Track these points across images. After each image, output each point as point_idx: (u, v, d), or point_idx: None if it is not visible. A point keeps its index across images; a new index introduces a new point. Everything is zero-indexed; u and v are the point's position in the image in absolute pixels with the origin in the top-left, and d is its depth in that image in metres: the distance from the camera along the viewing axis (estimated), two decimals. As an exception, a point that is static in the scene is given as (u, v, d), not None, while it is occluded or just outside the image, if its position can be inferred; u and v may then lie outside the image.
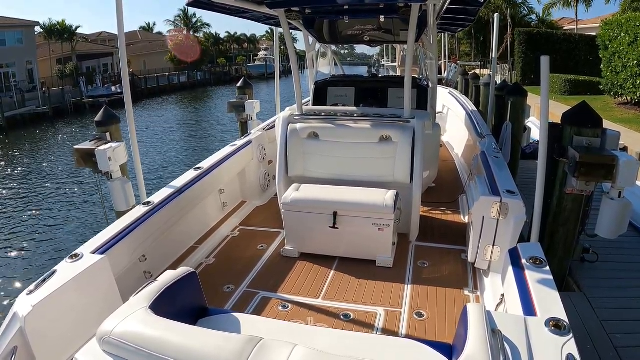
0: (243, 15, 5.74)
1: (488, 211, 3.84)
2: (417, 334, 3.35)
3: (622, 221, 4.20)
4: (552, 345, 2.04)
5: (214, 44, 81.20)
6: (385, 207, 4.13)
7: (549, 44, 29.01)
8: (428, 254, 4.56)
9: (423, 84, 6.82)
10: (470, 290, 3.92)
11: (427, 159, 5.22)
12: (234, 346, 1.87)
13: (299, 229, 4.47)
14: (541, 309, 2.36)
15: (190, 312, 2.60)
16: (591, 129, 4.44)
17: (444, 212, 5.65)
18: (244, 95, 8.25)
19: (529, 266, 2.82)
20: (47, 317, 2.63)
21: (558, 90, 23.25)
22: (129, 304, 2.23)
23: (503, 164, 4.82)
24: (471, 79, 15.98)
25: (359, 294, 3.90)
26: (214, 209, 5.32)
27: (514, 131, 7.66)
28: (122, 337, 1.98)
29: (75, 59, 53.13)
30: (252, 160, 5.92)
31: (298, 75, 5.41)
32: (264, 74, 69.16)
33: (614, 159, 4.07)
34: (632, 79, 15.77)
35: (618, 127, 10.49)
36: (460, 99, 9.81)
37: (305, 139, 4.90)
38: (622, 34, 16.20)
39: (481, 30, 42.17)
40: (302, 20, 5.77)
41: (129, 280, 3.52)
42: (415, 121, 4.70)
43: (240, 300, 3.85)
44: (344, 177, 4.83)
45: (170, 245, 4.40)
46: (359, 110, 5.41)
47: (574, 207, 4.78)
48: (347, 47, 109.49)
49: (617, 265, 5.62)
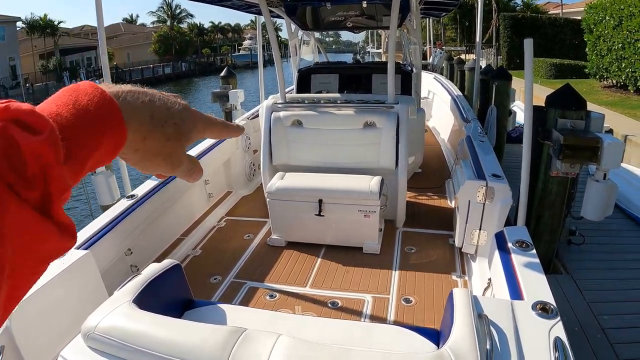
0: (224, 4, 5.68)
1: (474, 195, 3.84)
2: (405, 320, 3.35)
3: (607, 203, 4.21)
4: (539, 328, 2.03)
5: (198, 34, 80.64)
6: (371, 193, 4.12)
7: (534, 28, 29.00)
8: (415, 240, 4.56)
9: (407, 69, 6.80)
10: (458, 275, 3.93)
11: (413, 144, 5.21)
12: (218, 337, 1.85)
13: (284, 218, 4.45)
14: (528, 292, 2.36)
15: (176, 305, 2.57)
16: (575, 111, 4.43)
17: (431, 198, 5.65)
18: (227, 84, 8.17)
19: (516, 250, 2.81)
20: (33, 315, 2.59)
21: (544, 74, 23.31)
22: (113, 299, 2.20)
23: (488, 148, 4.82)
24: (456, 63, 15.97)
25: (346, 281, 3.90)
26: (200, 200, 5.28)
27: (499, 115, 7.65)
28: (106, 332, 1.95)
29: (58, 54, 52.46)
30: (236, 150, 5.88)
31: (280, 62, 5.36)
32: (249, 63, 68.69)
33: (598, 140, 4.06)
34: (617, 62, 15.83)
35: (604, 110, 10.52)
36: (445, 84, 9.79)
37: (289, 127, 4.86)
38: (607, 18, 16.23)
39: (466, 16, 42.09)
40: (284, 8, 5.72)
41: (115, 275, 3.49)
42: (399, 106, 4.67)
43: (228, 291, 3.83)
44: (329, 165, 4.81)
45: (156, 238, 4.36)
46: (342, 97, 5.37)
47: (559, 189, 4.78)
48: (332, 34, 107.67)
49: (603, 247, 5.64)
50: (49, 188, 0.50)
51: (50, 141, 0.51)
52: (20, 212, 0.47)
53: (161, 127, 0.66)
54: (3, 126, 0.48)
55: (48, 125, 0.52)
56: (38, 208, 0.49)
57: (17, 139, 0.48)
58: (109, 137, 0.59)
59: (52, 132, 0.52)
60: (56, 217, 0.51)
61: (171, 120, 0.68)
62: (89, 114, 0.57)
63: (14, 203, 0.47)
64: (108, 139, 0.59)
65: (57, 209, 0.51)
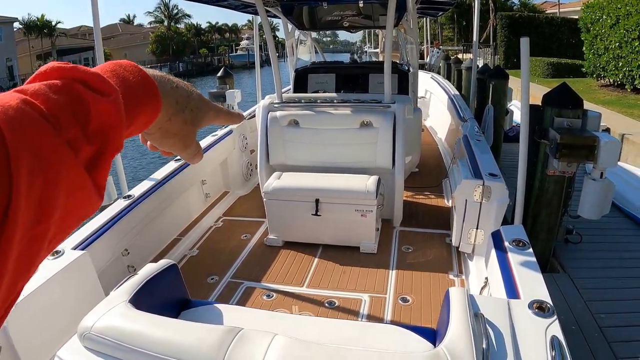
0: (221, 4, 5.68)
1: (471, 194, 3.84)
2: (403, 319, 3.35)
3: (604, 202, 4.21)
4: (535, 327, 2.03)
5: (195, 34, 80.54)
6: (367, 192, 4.12)
7: (532, 28, 29.07)
8: (412, 239, 4.55)
9: (404, 68, 6.79)
10: (455, 274, 3.93)
11: (409, 143, 5.21)
12: (214, 337, 1.85)
13: (281, 218, 4.44)
14: (524, 291, 2.36)
15: (172, 305, 2.56)
16: (572, 109, 4.43)
17: (428, 197, 5.65)
18: (224, 84, 8.14)
19: (512, 248, 2.81)
20: (30, 315, 2.58)
21: (540, 73, 23.33)
22: (109, 299, 2.20)
23: (485, 147, 4.82)
24: (453, 63, 15.98)
25: (343, 280, 3.89)
26: (197, 200, 5.27)
27: (496, 114, 7.66)
28: (102, 332, 1.95)
29: (56, 54, 52.45)
30: (233, 150, 5.87)
31: (277, 62, 5.35)
32: (247, 63, 68.60)
33: (595, 139, 4.07)
34: (614, 61, 15.83)
35: (601, 109, 10.52)
36: (442, 83, 9.79)
37: (286, 127, 4.85)
38: (604, 16, 16.24)
39: (464, 15, 42.11)
40: (280, 7, 5.71)
41: (112, 275, 3.47)
42: (396, 106, 4.67)
43: (225, 291, 3.83)
44: (326, 164, 4.80)
45: (153, 238, 4.35)
46: (339, 97, 5.37)
47: (556, 188, 4.79)
48: (329, 34, 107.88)
49: (600, 245, 5.65)
50: (106, 147, 0.54)
51: (117, 104, 0.56)
52: (74, 170, 0.49)
53: (182, 112, 0.74)
54: (70, 83, 0.52)
55: (114, 90, 0.57)
56: (87, 168, 0.52)
57: (84, 96, 0.52)
58: (147, 110, 0.65)
59: (117, 96, 0.57)
60: (98, 179, 0.54)
61: (189, 107, 0.76)
62: (134, 87, 0.62)
63: (71, 160, 0.49)
64: (145, 112, 0.65)
65: (104, 170, 0.55)
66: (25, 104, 0.47)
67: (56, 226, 0.48)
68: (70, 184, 0.49)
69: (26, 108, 0.46)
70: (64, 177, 0.47)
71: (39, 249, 0.47)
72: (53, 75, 0.53)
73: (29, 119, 0.46)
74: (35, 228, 0.45)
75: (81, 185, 0.51)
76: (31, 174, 0.44)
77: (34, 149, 0.45)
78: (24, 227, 0.44)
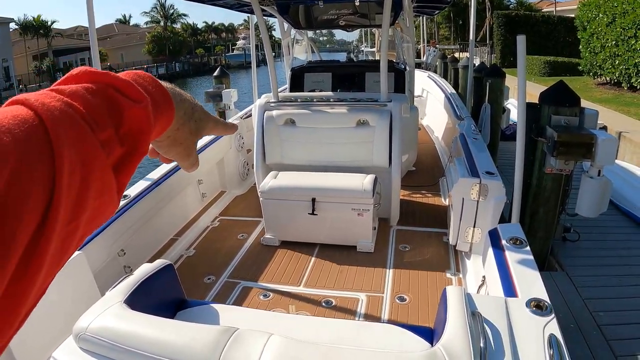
0: (216, 3, 5.66)
1: (468, 193, 3.83)
2: (400, 318, 3.34)
3: (602, 200, 4.21)
4: (533, 325, 2.01)
5: (191, 34, 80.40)
6: (364, 191, 4.10)
7: (528, 26, 29.04)
8: (409, 238, 4.54)
9: (400, 67, 6.78)
10: (453, 273, 3.92)
11: (406, 142, 5.20)
12: (209, 337, 1.83)
13: (278, 217, 4.43)
14: (522, 289, 2.34)
15: (168, 305, 2.55)
16: (569, 107, 4.42)
17: (425, 196, 5.64)
18: (221, 84, 8.15)
19: (509, 247, 2.80)
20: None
21: (537, 71, 23.33)
22: (104, 299, 2.19)
23: (482, 145, 4.82)
24: (450, 62, 15.97)
25: (340, 280, 3.88)
26: (193, 200, 5.25)
27: (493, 113, 7.66)
28: (97, 333, 1.94)
29: (52, 55, 52.36)
30: (230, 149, 5.85)
31: (272, 61, 5.33)
32: (243, 62, 68.49)
33: (592, 137, 4.06)
34: (610, 59, 15.84)
35: (598, 107, 10.47)
36: (439, 82, 9.79)
37: (282, 126, 4.83)
38: (601, 15, 16.24)
39: (460, 14, 42.23)
40: (276, 6, 5.70)
41: (108, 276, 3.45)
42: (392, 104, 4.65)
43: (221, 291, 3.81)
44: (323, 163, 4.79)
45: (150, 238, 4.33)
46: (335, 95, 5.36)
47: (553, 186, 4.78)
48: (326, 33, 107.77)
49: (598, 243, 5.64)
50: (135, 150, 0.57)
51: (148, 110, 0.60)
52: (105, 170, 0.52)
53: (189, 122, 0.78)
54: (104, 88, 0.56)
55: (144, 97, 0.60)
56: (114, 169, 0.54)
57: (119, 101, 0.56)
58: (163, 119, 0.68)
59: (148, 104, 0.60)
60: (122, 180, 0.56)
61: (194, 117, 0.79)
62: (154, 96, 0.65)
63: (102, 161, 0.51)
64: (161, 121, 0.68)
65: (129, 173, 0.58)
66: (67, 106, 0.49)
67: (84, 226, 0.50)
68: (100, 184, 0.51)
69: (69, 110, 0.49)
70: (97, 177, 0.50)
71: (69, 247, 0.49)
72: (84, 79, 0.56)
73: (72, 121, 0.49)
74: (70, 225, 0.48)
75: (109, 186, 0.53)
76: (72, 172, 0.46)
77: (74, 149, 0.47)
78: (62, 223, 0.46)
